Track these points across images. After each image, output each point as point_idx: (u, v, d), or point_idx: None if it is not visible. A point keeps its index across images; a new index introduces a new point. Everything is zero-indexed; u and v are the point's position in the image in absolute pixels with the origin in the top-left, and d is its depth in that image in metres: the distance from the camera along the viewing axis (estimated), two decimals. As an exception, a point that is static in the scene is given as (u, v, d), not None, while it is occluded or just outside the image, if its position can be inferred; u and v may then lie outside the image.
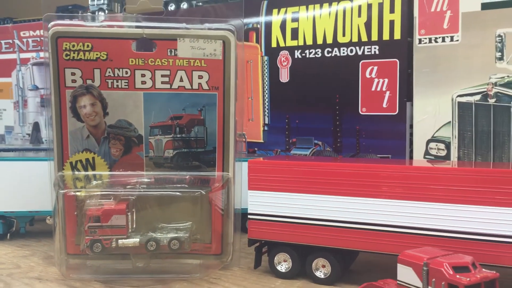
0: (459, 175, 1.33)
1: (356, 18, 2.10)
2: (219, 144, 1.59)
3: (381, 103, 2.08)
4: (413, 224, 1.38)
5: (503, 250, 1.29)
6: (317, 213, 1.50)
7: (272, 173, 1.56)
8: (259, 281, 1.53)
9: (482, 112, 1.91)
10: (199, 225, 1.58)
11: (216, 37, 1.53)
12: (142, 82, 1.54)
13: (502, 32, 1.84)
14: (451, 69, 1.93)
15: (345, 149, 2.16)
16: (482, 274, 1.13)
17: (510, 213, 1.27)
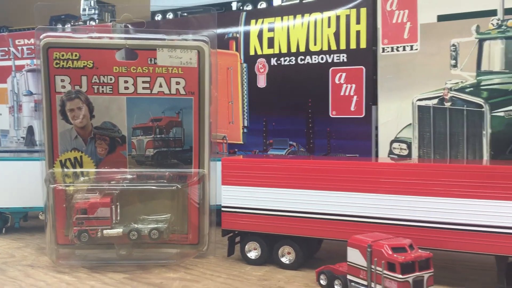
0: (401, 170, 1.51)
1: (326, 29, 2.28)
2: (195, 144, 1.76)
3: (349, 107, 2.25)
4: (365, 213, 1.54)
5: (445, 236, 1.46)
6: (282, 205, 1.66)
7: (242, 170, 1.72)
8: (231, 267, 1.69)
9: (439, 114, 2.08)
10: (177, 217, 1.74)
11: (192, 47, 1.70)
12: (125, 88, 1.71)
13: (456, 42, 2.02)
14: (411, 75, 2.11)
15: (317, 149, 2.33)
16: (416, 254, 1.30)
17: (448, 202, 1.44)
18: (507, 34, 1.92)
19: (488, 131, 1.97)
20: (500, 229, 1.39)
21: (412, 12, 2.09)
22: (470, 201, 1.41)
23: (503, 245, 1.39)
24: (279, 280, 1.56)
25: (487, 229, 1.40)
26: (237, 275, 1.61)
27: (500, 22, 1.92)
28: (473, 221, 1.41)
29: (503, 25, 1.92)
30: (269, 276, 1.60)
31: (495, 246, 1.40)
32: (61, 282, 1.55)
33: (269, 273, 1.62)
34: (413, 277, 1.28)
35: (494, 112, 1.96)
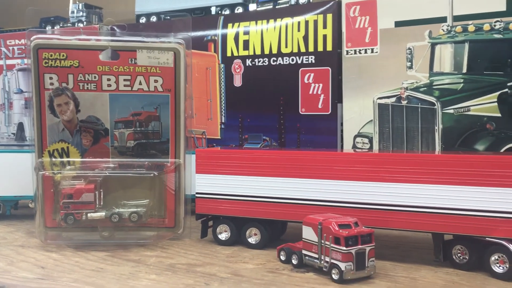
0: (351, 159, 1.71)
1: (296, 32, 2.47)
2: (172, 136, 1.94)
3: (317, 104, 2.44)
4: (321, 197, 1.74)
5: (389, 216, 1.65)
6: (249, 191, 1.85)
7: (214, 160, 1.91)
8: (204, 247, 1.88)
9: (397, 112, 2.28)
10: (155, 203, 1.93)
11: (169, 49, 1.89)
12: (108, 85, 1.89)
13: (411, 46, 2.22)
14: (372, 76, 2.30)
15: (288, 143, 2.52)
16: (359, 230, 1.50)
17: (391, 186, 1.64)
18: (455, 39, 2.13)
19: (440, 126, 2.17)
20: (435, 210, 1.59)
21: (372, 18, 2.29)
22: (409, 185, 1.61)
23: (438, 224, 1.59)
24: (245, 257, 1.75)
25: (424, 210, 1.60)
26: (208, 253, 1.80)
27: (450, 28, 2.13)
28: (412, 203, 1.61)
29: (452, 30, 2.13)
30: (237, 254, 1.79)
31: (431, 224, 1.60)
32: (49, 258, 1.73)
33: (237, 252, 1.81)
34: (356, 250, 1.48)
35: (445, 109, 2.16)
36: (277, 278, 1.52)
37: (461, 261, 1.60)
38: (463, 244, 1.59)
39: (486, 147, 2.08)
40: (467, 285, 1.46)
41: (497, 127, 2.06)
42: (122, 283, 1.48)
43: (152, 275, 1.56)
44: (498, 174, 1.52)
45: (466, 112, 2.13)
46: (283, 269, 1.61)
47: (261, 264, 1.67)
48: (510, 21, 2.00)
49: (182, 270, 1.61)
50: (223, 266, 1.65)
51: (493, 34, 2.04)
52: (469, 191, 1.54)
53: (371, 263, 1.50)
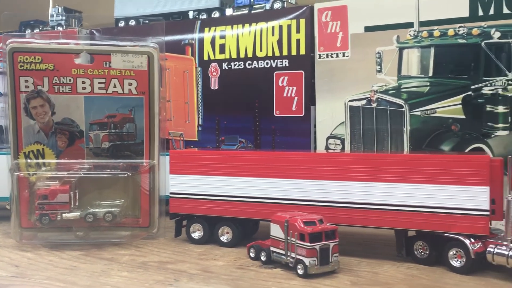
0: (317, 159, 1.77)
1: (270, 37, 2.53)
2: (146, 138, 1.99)
3: (291, 107, 2.51)
4: (289, 196, 1.80)
5: (354, 214, 1.72)
6: (222, 191, 1.91)
7: (187, 161, 1.96)
8: (177, 245, 1.92)
9: (367, 114, 2.35)
10: (129, 203, 1.97)
11: (142, 53, 1.94)
12: (83, 88, 1.93)
13: (380, 50, 2.30)
14: (343, 79, 2.38)
15: (264, 145, 2.58)
16: (323, 226, 1.57)
17: (356, 185, 1.71)
18: (422, 44, 2.21)
19: (408, 128, 2.25)
20: (397, 207, 1.66)
21: (343, 23, 2.37)
22: (373, 184, 1.68)
23: (400, 221, 1.66)
24: (216, 255, 1.80)
25: (386, 207, 1.67)
26: (180, 251, 1.84)
27: (416, 33, 2.21)
28: (375, 201, 1.68)
29: (418, 35, 2.21)
30: (209, 252, 1.84)
31: (393, 221, 1.67)
32: (23, 257, 1.76)
33: (209, 250, 1.86)
34: (320, 245, 1.54)
35: (413, 112, 2.24)
36: (245, 274, 1.58)
37: (422, 256, 1.67)
38: (424, 240, 1.67)
39: (452, 148, 2.16)
40: (425, 278, 1.53)
41: (462, 128, 2.14)
42: (94, 280, 1.52)
43: (124, 272, 1.60)
44: (455, 173, 1.60)
45: (432, 114, 2.20)
46: (251, 266, 1.66)
47: (231, 261, 1.72)
48: (473, 27, 2.09)
49: (153, 267, 1.65)
50: (194, 263, 1.70)
51: (457, 39, 2.13)
52: (429, 189, 1.62)
53: (335, 258, 1.57)
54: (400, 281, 1.50)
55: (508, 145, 2.06)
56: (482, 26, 2.06)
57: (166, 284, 1.49)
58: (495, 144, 2.08)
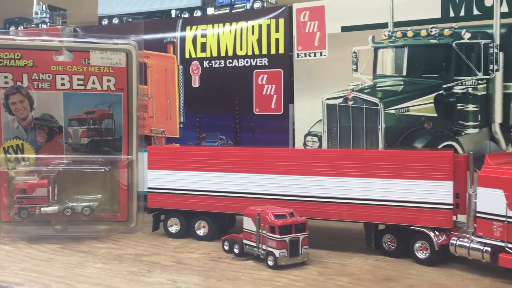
0: (290, 155, 1.83)
1: (250, 36, 2.58)
2: (125, 134, 2.03)
3: (270, 105, 2.55)
4: (263, 191, 1.85)
5: (325, 207, 1.77)
6: (198, 186, 1.95)
7: (165, 156, 2.00)
8: (154, 239, 1.96)
9: (344, 112, 2.41)
10: (108, 197, 2.01)
11: (121, 50, 1.97)
12: (62, 84, 1.96)
13: (356, 49, 2.35)
14: (321, 78, 2.43)
15: (243, 142, 2.62)
16: (293, 219, 1.62)
17: (327, 180, 1.76)
18: (396, 44, 2.27)
19: (383, 126, 2.31)
20: (366, 201, 1.72)
21: (321, 23, 2.42)
22: (343, 179, 1.74)
23: (368, 214, 1.72)
24: (191, 248, 1.85)
25: (355, 201, 1.73)
26: (157, 245, 1.88)
27: (391, 34, 2.27)
28: (345, 195, 1.74)
29: (393, 36, 2.27)
30: (185, 245, 1.88)
31: (362, 215, 1.73)
32: (1, 250, 1.79)
33: (185, 243, 1.91)
34: (290, 238, 1.59)
35: (387, 110, 2.30)
36: (218, 266, 1.62)
37: (390, 248, 1.73)
38: (392, 233, 1.72)
39: (424, 145, 2.22)
40: (391, 269, 1.59)
41: (434, 126, 2.20)
42: (68, 271, 1.56)
43: (99, 264, 1.64)
44: (421, 168, 1.65)
45: (406, 113, 2.26)
46: (225, 258, 1.71)
47: (205, 253, 1.77)
48: (444, 27, 2.15)
49: (128, 259, 1.69)
50: (169, 256, 1.74)
51: (430, 40, 2.19)
52: (396, 184, 1.68)
53: (304, 250, 1.62)
54: (366, 272, 1.56)
55: (478, 143, 2.13)
56: (453, 27, 2.13)
57: (139, 275, 1.53)
58: (466, 141, 2.14)
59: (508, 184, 1.43)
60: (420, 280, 1.48)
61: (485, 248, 1.48)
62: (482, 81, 2.10)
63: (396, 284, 1.45)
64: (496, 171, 1.47)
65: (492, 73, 2.08)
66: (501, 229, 1.44)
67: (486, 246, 1.48)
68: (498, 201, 1.44)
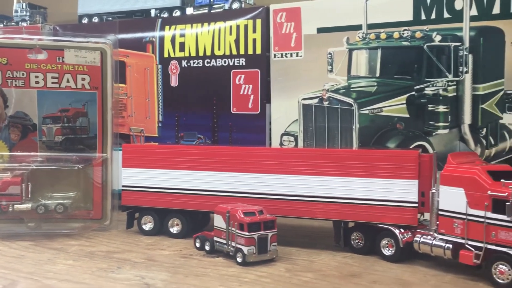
0: (261, 153, 1.86)
1: (228, 36, 2.61)
2: (99, 132, 2.04)
3: (247, 104, 2.58)
4: (234, 189, 1.88)
5: (296, 206, 1.80)
6: (172, 184, 1.97)
7: (139, 155, 2.02)
8: (128, 237, 1.98)
9: (319, 112, 2.44)
10: (81, 195, 2.02)
11: (95, 49, 1.99)
12: (36, 82, 1.97)
13: (331, 51, 2.38)
14: (297, 78, 2.46)
15: (221, 141, 2.64)
16: (262, 217, 1.64)
17: (297, 179, 1.79)
18: (369, 45, 2.31)
19: (357, 126, 2.34)
20: (335, 200, 1.75)
21: (297, 24, 2.45)
22: (312, 178, 1.77)
23: (337, 212, 1.75)
24: (164, 245, 1.86)
25: (325, 200, 1.76)
26: (130, 242, 1.90)
27: (364, 35, 2.31)
28: (314, 193, 1.77)
29: (366, 38, 2.31)
30: (158, 242, 1.90)
31: (331, 213, 1.76)
32: (-27, 248, 1.80)
33: (158, 241, 1.92)
34: (258, 235, 1.62)
35: (361, 110, 2.34)
36: (187, 263, 1.65)
37: (358, 246, 1.76)
38: (360, 230, 1.76)
39: (397, 145, 2.26)
40: (357, 266, 1.62)
41: (406, 127, 2.24)
42: (38, 268, 1.57)
43: (69, 260, 1.65)
44: (388, 167, 1.69)
45: (379, 113, 2.30)
46: (196, 255, 1.73)
47: (177, 251, 1.79)
48: (416, 30, 2.19)
49: (99, 256, 1.71)
50: (141, 253, 1.76)
51: (402, 42, 2.23)
52: (363, 182, 1.71)
53: (273, 247, 1.65)
54: (332, 268, 1.59)
55: (448, 143, 2.18)
56: (424, 30, 2.17)
57: (108, 271, 1.55)
58: (436, 142, 2.19)
59: (468, 182, 1.47)
60: (384, 276, 1.52)
61: (446, 245, 1.53)
62: (452, 83, 2.15)
63: (360, 280, 1.48)
64: (457, 170, 1.52)
65: (462, 75, 2.13)
66: (461, 227, 1.48)
67: (447, 243, 1.53)
68: (459, 199, 1.49)
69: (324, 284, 1.45)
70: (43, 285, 1.43)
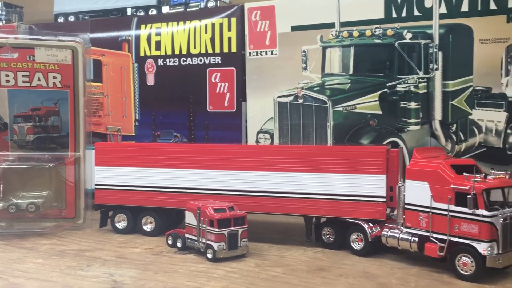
0: (232, 151, 1.87)
1: (204, 34, 2.61)
2: (71, 130, 2.03)
3: (223, 102, 2.59)
4: (206, 186, 1.89)
5: (267, 202, 1.82)
6: (145, 182, 1.97)
7: (112, 153, 2.02)
8: (101, 235, 1.98)
9: (294, 109, 2.46)
10: (54, 194, 2.01)
11: (66, 47, 1.98)
12: (6, 81, 1.96)
13: (305, 48, 2.40)
14: (272, 76, 2.47)
15: (197, 139, 2.65)
16: (232, 213, 1.66)
17: (267, 175, 1.81)
18: (343, 43, 2.33)
19: (331, 123, 2.37)
20: (305, 195, 1.77)
21: (271, 22, 2.47)
22: (283, 174, 1.79)
23: (307, 208, 1.77)
24: (136, 243, 1.87)
25: (295, 195, 1.78)
26: (102, 240, 1.90)
27: (338, 33, 2.33)
28: (285, 189, 1.79)
29: (339, 35, 2.33)
30: (130, 240, 1.90)
31: (302, 208, 1.78)
32: None
33: (131, 239, 1.92)
34: (228, 231, 1.63)
35: (335, 107, 2.36)
36: (158, 259, 1.65)
37: (329, 241, 1.79)
38: (330, 225, 1.78)
39: (370, 141, 2.29)
40: (327, 260, 1.64)
41: (379, 123, 2.27)
42: (6, 267, 1.56)
43: (39, 259, 1.65)
44: (357, 163, 1.72)
45: (353, 110, 2.33)
46: (167, 252, 1.74)
47: (149, 248, 1.79)
48: (388, 28, 2.22)
49: (70, 254, 1.70)
50: (112, 251, 1.76)
51: (374, 39, 2.26)
52: (333, 178, 1.74)
53: (243, 243, 1.66)
54: (302, 263, 1.61)
55: (420, 139, 2.21)
56: (395, 27, 2.20)
57: (77, 269, 1.55)
58: (408, 138, 2.22)
59: (433, 176, 1.50)
60: (351, 270, 1.54)
61: (412, 238, 1.55)
62: (423, 80, 2.18)
63: (327, 273, 1.50)
64: (422, 165, 1.54)
65: (432, 72, 2.16)
66: (426, 220, 1.51)
67: (413, 236, 1.55)
68: (423, 193, 1.51)
69: (292, 278, 1.46)
70: (9, 283, 1.42)
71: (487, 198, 1.41)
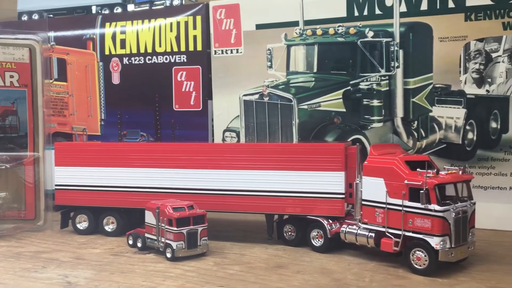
0: (194, 149, 1.86)
1: (169, 33, 2.59)
2: (30, 130, 1.99)
3: (189, 101, 2.58)
4: (168, 185, 1.87)
5: (229, 200, 1.82)
6: (105, 181, 1.95)
7: (72, 153, 1.99)
8: (62, 237, 1.94)
9: (260, 108, 2.46)
10: (14, 195, 1.97)
11: (24, 45, 1.94)
12: (-39, 80, 1.91)
13: (270, 47, 2.41)
14: (238, 74, 2.47)
15: (164, 138, 2.63)
16: (191, 212, 1.65)
17: (229, 173, 1.81)
18: (306, 41, 2.34)
19: (296, 121, 2.38)
20: (266, 193, 1.77)
21: (236, 21, 2.46)
22: (243, 172, 1.79)
23: (268, 206, 1.77)
24: (97, 243, 1.84)
25: (256, 193, 1.78)
26: (62, 242, 1.87)
27: (302, 32, 2.35)
28: (246, 187, 1.79)
29: (303, 34, 2.34)
30: (91, 241, 1.88)
31: (263, 206, 1.78)
32: None
33: (92, 240, 1.90)
34: (187, 230, 1.62)
35: (300, 106, 2.37)
36: (116, 260, 1.63)
37: (290, 238, 1.79)
38: (291, 223, 1.79)
39: (335, 139, 2.30)
40: (286, 257, 1.65)
41: (343, 121, 2.29)
42: (-43, 270, 1.53)
43: (-7, 262, 1.61)
44: (316, 160, 1.73)
45: (317, 108, 2.35)
46: (127, 252, 1.72)
47: (109, 249, 1.77)
48: (350, 26, 2.24)
49: (27, 256, 1.67)
50: (71, 252, 1.73)
51: (337, 37, 2.28)
52: (293, 175, 1.74)
53: (203, 242, 1.65)
54: (261, 260, 1.61)
55: (382, 136, 2.24)
56: (358, 26, 2.22)
57: (31, 271, 1.52)
58: (371, 135, 2.25)
59: (388, 172, 1.52)
60: (309, 266, 1.55)
61: (369, 234, 1.57)
62: (385, 78, 2.21)
63: (284, 270, 1.51)
64: (378, 161, 1.56)
65: (393, 69, 2.19)
66: (382, 215, 1.53)
67: (370, 232, 1.57)
68: (379, 189, 1.53)
69: (248, 276, 1.46)
70: (-41, 287, 1.39)
71: (440, 193, 1.44)
